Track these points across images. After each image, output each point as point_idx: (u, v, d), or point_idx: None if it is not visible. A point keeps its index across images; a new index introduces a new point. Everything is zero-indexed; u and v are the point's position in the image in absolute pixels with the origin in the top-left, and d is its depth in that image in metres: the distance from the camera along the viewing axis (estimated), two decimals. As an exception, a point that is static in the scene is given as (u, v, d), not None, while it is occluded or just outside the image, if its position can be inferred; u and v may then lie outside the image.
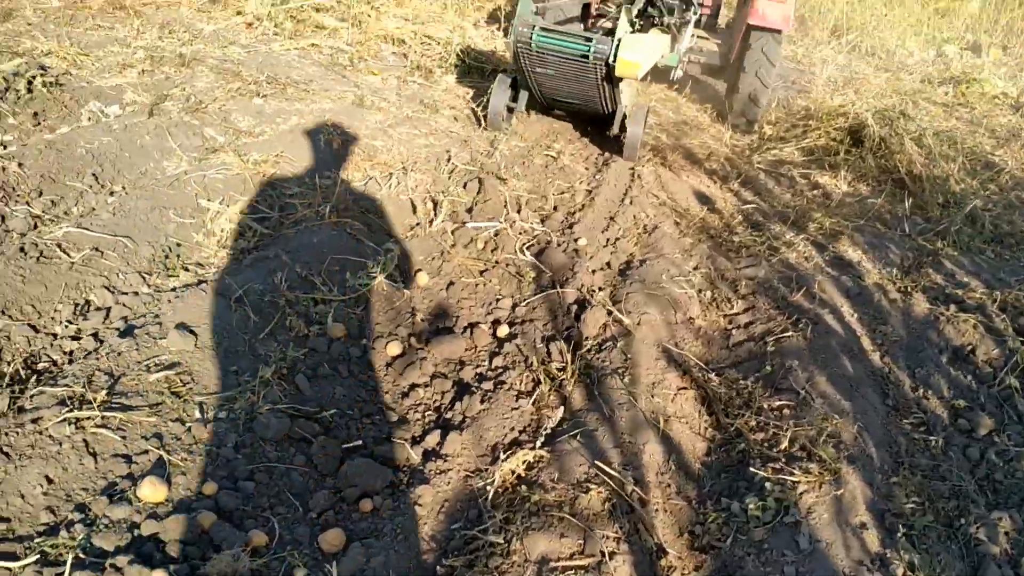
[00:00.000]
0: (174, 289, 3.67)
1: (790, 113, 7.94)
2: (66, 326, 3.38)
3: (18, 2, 6.37)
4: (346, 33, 7.28)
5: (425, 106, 6.32)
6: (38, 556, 2.40)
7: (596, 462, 3.14)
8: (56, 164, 4.25)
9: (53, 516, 2.56)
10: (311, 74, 6.27)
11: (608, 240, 4.96)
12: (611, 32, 5.43)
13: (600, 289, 4.40)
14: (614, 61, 5.24)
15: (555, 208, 5.28)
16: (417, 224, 4.81)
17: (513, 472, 3.13)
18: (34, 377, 3.10)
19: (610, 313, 4.13)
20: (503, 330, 4.05)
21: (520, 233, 4.85)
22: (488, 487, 3.04)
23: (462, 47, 7.44)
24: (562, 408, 3.51)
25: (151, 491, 2.66)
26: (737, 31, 7.46)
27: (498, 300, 4.32)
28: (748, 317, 4.43)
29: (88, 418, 2.82)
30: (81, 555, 2.43)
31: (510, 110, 6.29)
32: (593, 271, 4.59)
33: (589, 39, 5.35)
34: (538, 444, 3.28)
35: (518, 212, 5.07)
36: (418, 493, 3.03)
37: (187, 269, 3.88)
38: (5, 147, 4.37)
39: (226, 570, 2.46)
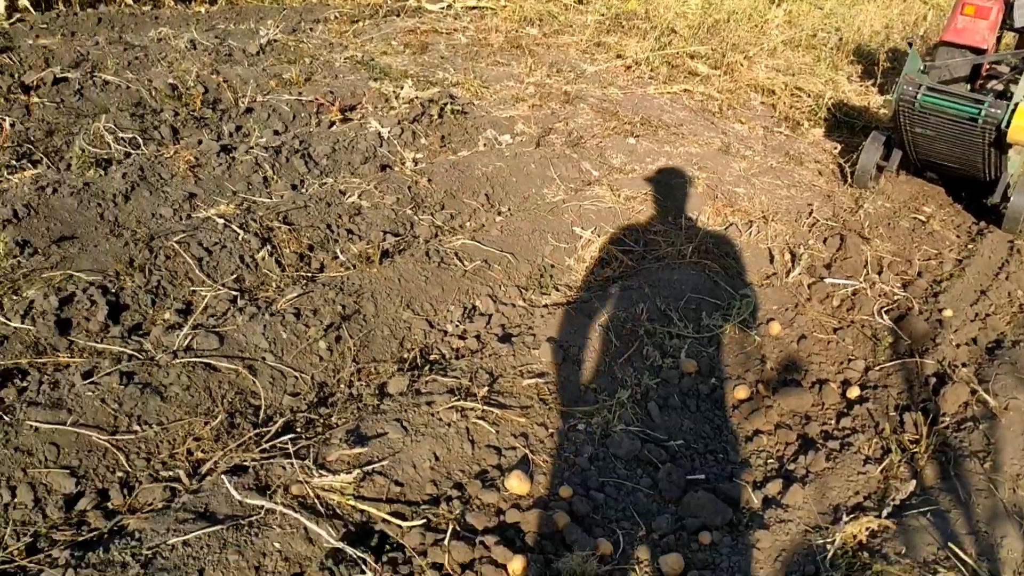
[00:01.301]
0: (546, 306, 4.04)
1: None
2: (456, 325, 3.85)
3: (434, 37, 7.28)
4: (717, 80, 7.46)
5: (790, 157, 6.31)
6: (424, 521, 2.77)
7: (950, 544, 3.00)
8: (457, 183, 4.83)
9: (436, 489, 2.94)
10: (681, 118, 6.52)
11: (976, 315, 4.65)
12: (1003, 95, 5.10)
13: (964, 365, 4.15)
14: (1007, 126, 4.93)
15: (919, 274, 5.05)
16: (773, 274, 4.83)
17: (855, 537, 3.07)
18: (427, 366, 3.56)
19: (974, 392, 3.88)
20: (854, 391, 3.97)
21: (879, 296, 4.70)
22: (828, 546, 3.01)
23: (833, 101, 7.32)
24: (914, 482, 3.38)
25: (518, 484, 2.96)
26: None
27: (850, 360, 4.23)
28: None
29: (471, 409, 3.20)
30: (457, 528, 2.77)
31: (880, 169, 6.09)
32: (957, 345, 4.33)
33: (980, 101, 5.07)
34: (884, 514, 3.19)
35: (879, 273, 4.92)
36: (756, 536, 3.07)
37: (557, 289, 4.23)
38: (416, 163, 5.03)
39: (576, 570, 2.68)
